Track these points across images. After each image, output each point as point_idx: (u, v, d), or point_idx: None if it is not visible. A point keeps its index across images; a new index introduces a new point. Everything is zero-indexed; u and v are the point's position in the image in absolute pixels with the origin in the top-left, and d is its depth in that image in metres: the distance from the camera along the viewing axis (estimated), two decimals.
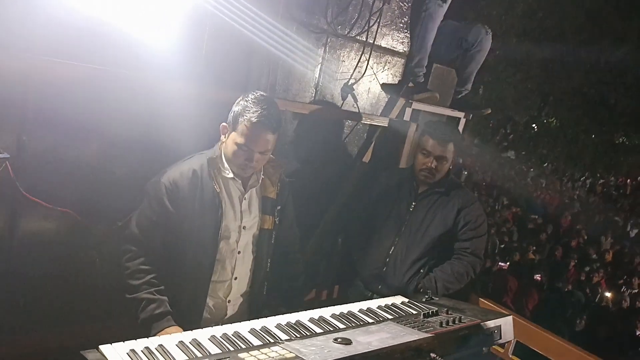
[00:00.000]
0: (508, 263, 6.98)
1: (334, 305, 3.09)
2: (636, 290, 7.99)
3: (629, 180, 17.93)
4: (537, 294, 5.41)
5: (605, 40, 12.33)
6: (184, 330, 1.74)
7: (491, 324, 1.84)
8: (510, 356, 2.54)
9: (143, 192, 1.96)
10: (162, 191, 1.89)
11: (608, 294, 7.04)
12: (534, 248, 8.90)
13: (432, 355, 1.50)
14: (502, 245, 8.68)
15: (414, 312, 1.96)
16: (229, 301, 2.04)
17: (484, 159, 14.88)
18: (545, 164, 15.77)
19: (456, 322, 1.77)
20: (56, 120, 2.03)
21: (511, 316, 1.97)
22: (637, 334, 5.59)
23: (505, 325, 1.89)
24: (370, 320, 1.81)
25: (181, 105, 2.24)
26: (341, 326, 1.74)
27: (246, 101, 1.88)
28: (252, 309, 2.11)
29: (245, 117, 1.84)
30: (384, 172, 2.93)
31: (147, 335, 1.64)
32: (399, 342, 1.48)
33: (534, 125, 15.74)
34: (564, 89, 13.13)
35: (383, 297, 2.61)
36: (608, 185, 16.66)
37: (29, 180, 1.97)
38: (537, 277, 7.10)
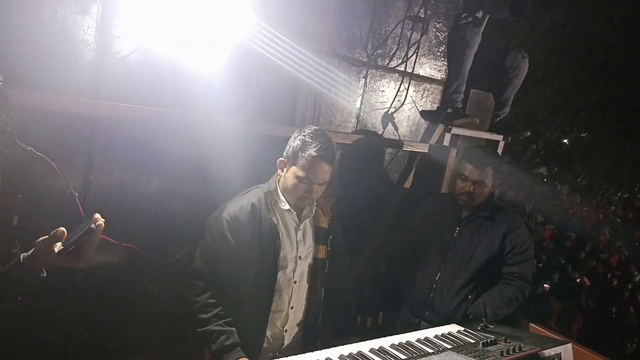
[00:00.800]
0: (548, 285, 6.82)
1: (379, 332, 3.15)
2: None
3: None
4: (582, 316, 5.26)
5: (635, 52, 12.15)
6: None
7: (551, 352, 1.84)
8: None
9: (205, 228, 2.05)
10: (224, 225, 1.97)
11: None
12: (573, 267, 8.68)
13: None
14: (540, 265, 8.48)
15: (472, 341, 1.96)
16: (286, 331, 2.09)
17: (515, 176, 14.67)
18: (579, 179, 15.46)
19: (516, 350, 1.77)
20: (120, 160, 2.16)
21: (570, 344, 1.96)
22: None
23: (565, 353, 1.89)
24: (430, 351, 1.83)
25: (234, 141, 2.35)
26: (402, 357, 1.76)
27: (304, 136, 1.97)
28: (306, 338, 2.16)
29: (306, 152, 1.93)
30: (426, 198, 2.95)
31: None
32: None
33: (565, 140, 15.50)
34: (595, 103, 12.94)
35: (431, 324, 2.63)
36: None
37: None
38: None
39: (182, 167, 2.29)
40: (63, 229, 1.27)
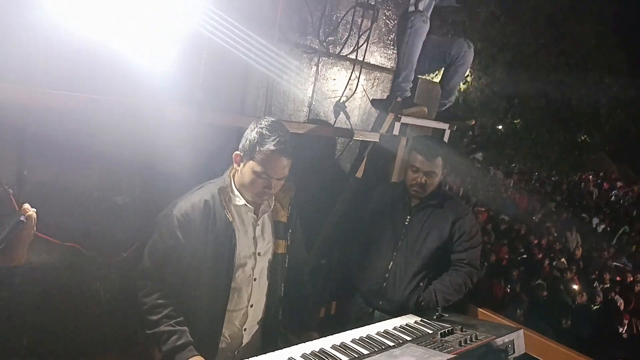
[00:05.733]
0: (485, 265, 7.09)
1: (332, 322, 3.14)
2: (608, 285, 8.25)
3: (591, 177, 18.64)
4: (527, 297, 5.49)
5: (564, 42, 12.79)
6: None
7: (505, 339, 1.89)
8: None
9: (154, 225, 1.93)
10: (175, 224, 1.87)
11: (582, 291, 7.23)
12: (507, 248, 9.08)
13: None
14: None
15: (430, 331, 1.98)
16: (245, 329, 2.03)
17: (453, 162, 15.13)
18: (513, 165, 16.19)
19: (473, 340, 1.81)
20: (57, 152, 1.98)
21: (522, 330, 2.03)
22: (621, 329, 5.75)
23: (518, 339, 1.95)
24: (391, 344, 1.82)
25: (181, 131, 2.22)
26: (364, 352, 1.75)
27: (261, 129, 1.88)
28: (266, 335, 2.11)
29: (264, 145, 1.85)
30: (378, 188, 2.96)
31: None
32: None
33: (500, 127, 16.13)
34: (528, 91, 13.52)
35: (384, 312, 2.65)
36: (573, 182, 17.23)
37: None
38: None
39: (126, 159, 2.15)
40: None
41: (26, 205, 1.19)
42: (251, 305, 2.02)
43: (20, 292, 1.99)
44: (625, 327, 6.02)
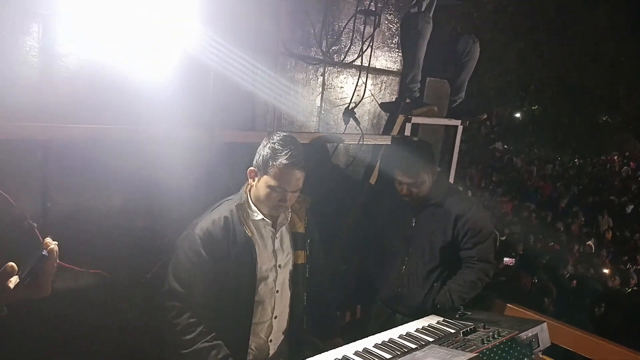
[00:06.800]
0: (514, 259, 6.97)
1: (358, 326, 3.16)
2: None
3: (616, 158, 18.23)
4: (554, 287, 5.40)
5: (576, 27, 12.60)
6: None
7: (528, 333, 1.89)
8: (541, 356, 2.56)
9: (176, 247, 1.99)
10: (198, 242, 1.92)
11: (614, 275, 7.10)
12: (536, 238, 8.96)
13: None
14: (503, 238, 8.61)
15: (452, 330, 1.99)
16: (271, 340, 2.07)
17: (473, 153, 15.03)
18: (534, 151, 15.97)
19: (496, 336, 1.81)
20: (77, 183, 2.06)
21: (545, 322, 2.02)
22: None
23: (542, 332, 1.94)
24: (413, 346, 1.84)
25: (195, 152, 2.29)
26: (387, 356, 1.77)
27: (273, 144, 1.93)
28: (292, 345, 2.14)
29: (277, 160, 1.89)
30: (389, 191, 2.97)
31: None
32: None
33: (517, 114, 15.95)
34: (543, 77, 13.36)
35: (405, 316, 2.64)
36: (598, 164, 16.87)
37: (58, 245, 1.98)
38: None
39: (144, 184, 2.21)
40: (12, 263, 1.20)
41: (48, 240, 1.25)
42: (275, 317, 2.06)
43: (49, 320, 2.05)
44: None
